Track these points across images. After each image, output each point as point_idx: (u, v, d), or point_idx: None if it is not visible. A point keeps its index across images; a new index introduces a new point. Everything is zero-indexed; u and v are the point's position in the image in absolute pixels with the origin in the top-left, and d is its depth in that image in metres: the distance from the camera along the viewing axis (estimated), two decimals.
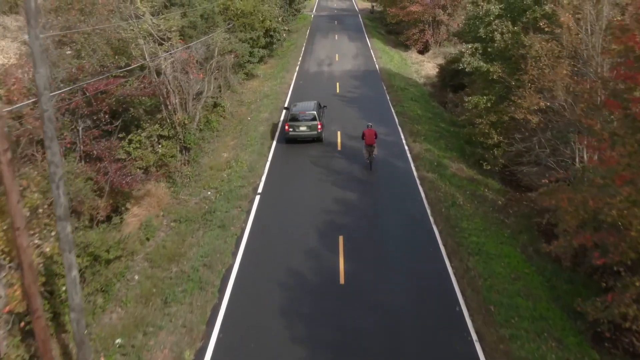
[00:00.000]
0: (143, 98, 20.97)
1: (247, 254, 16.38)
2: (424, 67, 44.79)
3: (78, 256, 13.85)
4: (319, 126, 24.47)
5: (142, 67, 21.20)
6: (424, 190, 20.37)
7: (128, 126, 21.39)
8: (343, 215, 18.47)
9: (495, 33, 21.51)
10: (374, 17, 68.49)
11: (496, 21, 22.03)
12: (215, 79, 24.97)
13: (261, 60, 40.30)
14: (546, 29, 17.78)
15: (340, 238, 16.93)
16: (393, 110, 30.22)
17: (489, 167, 22.93)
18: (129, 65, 21.01)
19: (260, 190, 20.74)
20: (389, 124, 27.96)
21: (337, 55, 45.12)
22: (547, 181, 17.23)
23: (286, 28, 43.47)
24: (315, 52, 46.70)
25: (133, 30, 20.76)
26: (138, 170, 20.20)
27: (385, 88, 35.23)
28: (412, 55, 48.85)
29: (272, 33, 36.75)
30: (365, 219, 18.20)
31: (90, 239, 13.75)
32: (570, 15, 16.40)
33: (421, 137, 26.09)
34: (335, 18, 66.56)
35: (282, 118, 29.12)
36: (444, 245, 16.59)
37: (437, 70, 41.80)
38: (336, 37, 53.35)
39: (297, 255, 16.14)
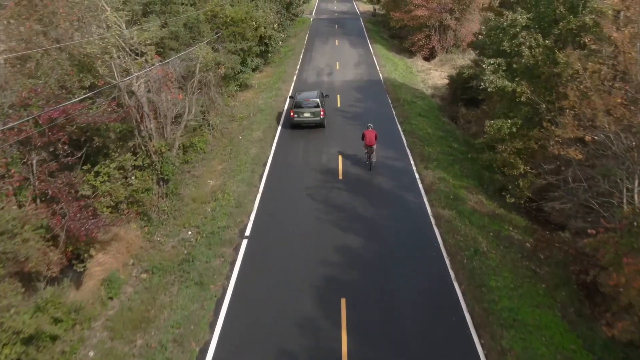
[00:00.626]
0: (112, 124, 17.90)
1: (228, 325, 13.32)
2: (431, 76, 41.76)
3: (6, 344, 10.84)
4: (322, 113, 26.28)
5: (111, 87, 18.17)
6: (440, 234, 17.32)
7: (95, 155, 18.37)
8: (345, 268, 15.43)
9: (523, 47, 18.47)
10: (376, 20, 65.49)
11: (523, 33, 18.98)
12: (198, 98, 21.89)
13: (256, 69, 37.33)
14: (592, 46, 14.72)
15: (343, 302, 13.89)
16: (400, 129, 27.18)
17: (513, 200, 19.88)
18: (95, 85, 18.01)
19: (247, 233, 17.68)
20: (396, 145, 24.92)
21: (337, 63, 42.09)
22: (594, 232, 14.16)
23: (283, 35, 40.40)
24: (314, 59, 43.67)
25: (100, 44, 17.70)
26: (105, 209, 17.17)
27: (390, 101, 32.19)
28: (418, 62, 45.84)
29: (267, 41, 33.68)
30: (371, 274, 15.13)
31: (19, 325, 10.68)
32: (627, 32, 13.31)
33: (433, 162, 23.04)
34: (336, 22, 63.54)
35: (281, 122, 26.22)
36: (470, 313, 13.53)
37: (446, 81, 38.82)
38: (337, 43, 50.31)
39: (290, 327, 13.08)
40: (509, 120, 19.30)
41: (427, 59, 47.24)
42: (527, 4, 19.89)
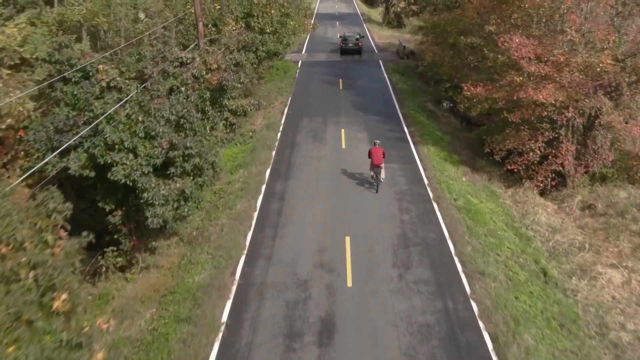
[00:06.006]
0: None
1: None
2: (600, 283, 15.35)
3: None
4: (359, 44, 41.76)
5: None
6: None
7: None
8: None
9: None
10: (407, 65, 39.35)
11: None
12: None
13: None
14: None
15: None
16: None
17: None
18: None
19: None
20: None
21: (347, 239, 15.75)
22: None
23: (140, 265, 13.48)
24: (288, 219, 17.22)
25: None
26: None
27: None
28: (539, 213, 19.30)
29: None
30: None
31: None
32: None
33: None
34: (341, 73, 36.68)
35: None
36: None
37: None
38: (343, 143, 23.86)
39: None
40: None
41: (543, 191, 20.92)
42: None
